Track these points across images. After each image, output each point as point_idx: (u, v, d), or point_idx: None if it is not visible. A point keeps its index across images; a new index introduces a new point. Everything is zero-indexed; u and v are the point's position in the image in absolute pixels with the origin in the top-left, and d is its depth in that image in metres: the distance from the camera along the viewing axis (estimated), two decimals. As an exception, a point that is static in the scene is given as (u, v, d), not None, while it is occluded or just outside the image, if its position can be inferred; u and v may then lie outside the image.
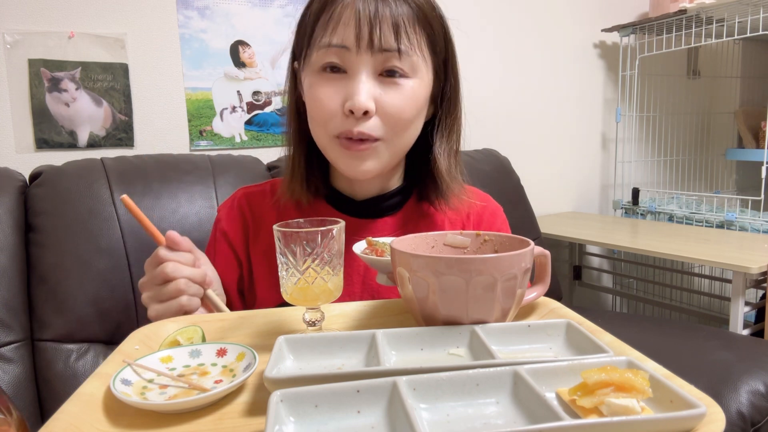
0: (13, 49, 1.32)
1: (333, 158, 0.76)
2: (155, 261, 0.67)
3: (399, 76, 0.71)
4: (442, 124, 0.81)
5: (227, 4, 1.54)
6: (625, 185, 2.17)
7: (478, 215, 0.90)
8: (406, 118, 0.73)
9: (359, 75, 0.70)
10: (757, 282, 1.54)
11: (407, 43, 0.70)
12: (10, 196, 1.16)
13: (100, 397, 0.46)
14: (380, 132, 0.72)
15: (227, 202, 0.89)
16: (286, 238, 0.55)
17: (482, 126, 1.97)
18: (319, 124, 0.74)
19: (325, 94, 0.71)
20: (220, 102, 1.56)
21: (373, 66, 0.70)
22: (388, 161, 0.76)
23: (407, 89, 0.72)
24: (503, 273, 0.50)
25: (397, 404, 0.39)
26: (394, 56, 0.70)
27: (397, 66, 0.71)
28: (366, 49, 0.69)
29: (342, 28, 0.69)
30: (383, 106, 0.71)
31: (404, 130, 0.74)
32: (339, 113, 0.71)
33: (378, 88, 0.71)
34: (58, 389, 1.09)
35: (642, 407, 0.38)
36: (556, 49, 2.12)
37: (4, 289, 1.08)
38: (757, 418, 1.10)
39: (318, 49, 0.71)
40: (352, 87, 0.70)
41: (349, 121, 0.70)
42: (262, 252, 0.84)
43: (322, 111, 0.72)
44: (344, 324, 0.62)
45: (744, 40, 2.22)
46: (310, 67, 0.73)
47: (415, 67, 0.72)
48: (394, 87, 0.71)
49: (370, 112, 0.70)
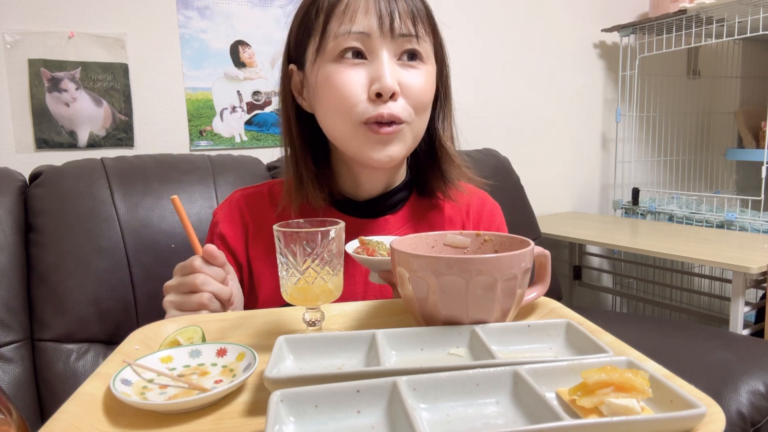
0: (13, 49, 1.32)
1: (357, 147, 0.75)
2: (188, 269, 0.67)
3: (417, 60, 0.74)
4: (441, 113, 0.83)
5: (227, 4, 1.54)
6: (625, 185, 2.17)
7: (477, 212, 0.90)
8: (426, 100, 0.75)
9: (382, 58, 0.71)
10: (757, 282, 1.54)
11: (422, 29, 0.73)
12: (10, 196, 1.16)
13: (100, 397, 0.45)
14: (406, 114, 0.73)
15: (224, 205, 0.88)
16: (286, 238, 0.55)
17: (482, 126, 1.97)
18: (341, 113, 0.72)
19: (348, 79, 0.71)
20: (220, 102, 1.56)
21: (393, 50, 0.72)
22: (411, 146, 0.77)
23: (425, 73, 0.74)
24: (503, 273, 0.50)
25: (397, 404, 0.39)
26: (412, 40, 0.72)
27: (416, 49, 0.73)
28: (387, 34, 0.71)
29: (362, 16, 0.70)
30: (407, 89, 0.72)
31: (424, 113, 0.76)
32: (364, 98, 0.71)
33: (400, 70, 0.72)
34: (58, 389, 1.09)
35: (642, 407, 0.38)
36: (556, 49, 2.12)
37: (4, 289, 1.08)
38: (757, 418, 1.10)
39: (335, 37, 0.71)
40: (378, 70, 0.70)
41: (377, 104, 0.71)
42: (264, 254, 0.84)
43: (345, 97, 0.71)
44: (344, 324, 0.62)
45: (744, 40, 2.22)
46: (326, 56, 0.72)
47: (428, 53, 0.75)
48: (414, 71, 0.73)
49: (396, 93, 0.71)
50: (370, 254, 0.64)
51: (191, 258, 0.68)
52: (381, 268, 0.64)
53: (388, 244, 0.66)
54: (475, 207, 0.90)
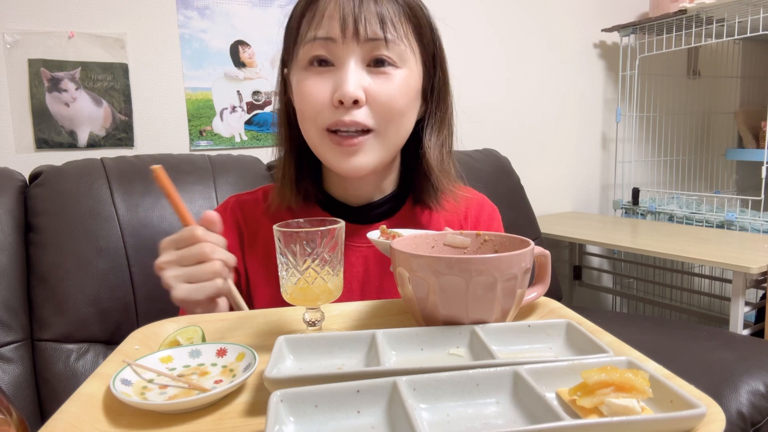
0: (13, 49, 1.32)
1: (323, 154, 0.75)
2: (188, 240, 0.64)
3: (388, 65, 0.71)
4: (432, 119, 0.80)
5: (227, 4, 1.54)
6: (625, 185, 2.17)
7: (476, 217, 0.88)
8: (397, 107, 0.72)
9: (347, 65, 0.69)
10: (757, 282, 1.54)
11: (393, 32, 0.70)
12: (10, 196, 1.16)
13: (100, 397, 0.45)
14: (372, 122, 0.71)
15: (219, 210, 0.86)
16: (286, 238, 0.55)
17: (482, 126, 1.97)
18: (309, 119, 0.73)
19: (313, 87, 0.71)
20: (220, 102, 1.56)
21: (360, 56, 0.70)
22: (382, 156, 0.75)
23: (397, 78, 0.71)
24: (503, 273, 0.50)
25: (397, 404, 0.39)
26: (381, 44, 0.69)
27: (385, 54, 0.70)
28: (352, 39, 0.68)
29: (327, 21, 0.69)
30: (373, 96, 0.70)
31: (396, 121, 0.73)
32: (328, 105, 0.70)
33: (367, 77, 0.70)
34: (58, 389, 1.09)
35: (642, 407, 0.38)
36: (556, 49, 2.12)
37: (4, 289, 1.08)
38: (757, 418, 1.10)
39: (304, 44, 0.71)
40: (341, 77, 0.69)
41: (339, 111, 0.70)
42: (260, 262, 0.82)
43: (311, 104, 0.71)
44: (344, 324, 0.62)
45: (744, 40, 2.22)
46: (298, 64, 0.73)
47: (403, 56, 0.72)
48: (383, 76, 0.71)
49: (360, 101, 0.69)
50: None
51: (188, 228, 0.65)
52: None
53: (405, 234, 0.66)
54: (474, 212, 0.89)
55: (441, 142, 0.80)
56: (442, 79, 0.79)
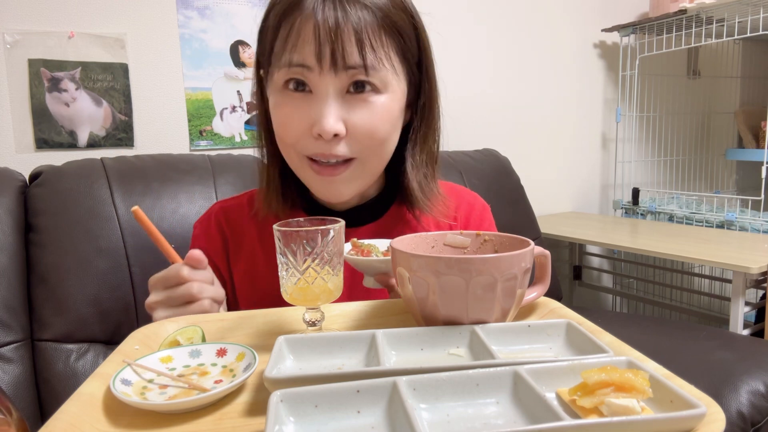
0: (13, 49, 1.32)
1: (304, 179, 0.74)
2: (175, 280, 0.64)
3: (369, 91, 0.67)
4: (416, 133, 0.77)
5: (227, 4, 1.54)
6: (625, 185, 2.17)
7: (466, 216, 0.87)
8: (379, 137, 0.69)
9: (325, 97, 0.66)
10: (757, 282, 1.54)
11: (373, 57, 0.66)
12: (10, 196, 1.16)
13: (100, 397, 0.45)
14: (354, 151, 0.69)
15: (203, 219, 0.86)
16: (286, 238, 0.54)
17: (482, 126, 1.97)
18: (288, 145, 0.71)
19: (290, 116, 0.69)
20: (220, 102, 1.56)
21: (339, 86, 0.66)
22: (365, 182, 0.74)
23: (378, 106, 0.68)
24: (503, 273, 0.50)
25: (397, 404, 0.39)
26: (360, 73, 0.66)
27: (365, 80, 0.67)
28: (329, 69, 0.65)
29: (302, 45, 0.65)
30: (353, 127, 0.67)
31: (379, 148, 0.71)
32: (307, 135, 0.68)
33: (346, 107, 0.67)
34: (58, 389, 1.09)
35: (642, 407, 0.38)
36: (556, 49, 2.12)
37: (4, 289, 1.08)
38: (757, 418, 1.10)
39: (279, 67, 0.68)
40: (318, 110, 0.66)
41: (319, 143, 0.68)
42: (245, 268, 0.82)
43: (289, 133, 0.69)
44: (344, 324, 0.62)
45: (744, 40, 2.22)
46: (273, 85, 0.70)
47: (385, 81, 0.68)
48: (363, 105, 0.67)
49: (339, 134, 0.67)
50: (365, 256, 0.63)
51: (173, 267, 0.65)
52: (377, 270, 0.64)
53: (380, 246, 0.66)
54: (464, 212, 0.87)
55: (423, 158, 0.78)
56: (429, 90, 0.76)
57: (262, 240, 0.82)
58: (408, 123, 0.77)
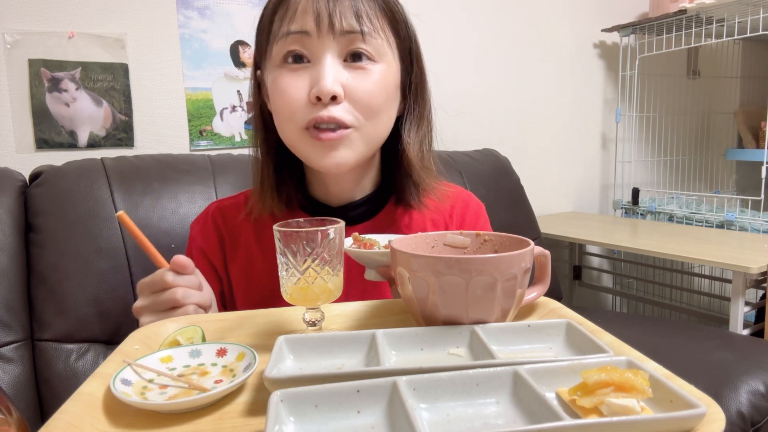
0: (13, 49, 1.32)
1: (303, 151, 0.73)
2: (160, 285, 0.64)
3: (366, 60, 0.69)
4: (411, 115, 0.78)
5: (227, 4, 1.54)
6: (625, 185, 2.17)
7: (461, 215, 0.87)
8: (376, 103, 0.71)
9: (324, 59, 0.68)
10: (757, 282, 1.54)
11: (369, 25, 0.68)
12: (10, 196, 1.16)
13: (100, 397, 0.45)
14: (351, 118, 0.70)
15: (200, 218, 0.86)
16: (286, 238, 0.54)
17: (482, 126, 1.97)
18: (286, 118, 0.71)
19: (289, 84, 0.69)
20: (220, 102, 1.56)
21: (337, 50, 0.68)
22: (363, 152, 0.74)
23: (375, 74, 0.70)
24: (503, 273, 0.50)
25: (397, 404, 0.39)
26: (357, 38, 0.68)
27: (363, 48, 0.69)
28: (327, 32, 0.67)
29: (301, 15, 0.67)
30: (352, 92, 0.69)
31: (376, 117, 0.72)
32: (306, 102, 0.69)
33: (345, 72, 0.69)
34: (58, 389, 1.09)
35: (642, 407, 0.38)
36: (556, 49, 2.12)
37: (4, 289, 1.08)
38: (757, 418, 1.10)
39: (278, 41, 0.69)
40: (317, 72, 0.68)
41: (317, 108, 0.68)
42: (241, 268, 0.82)
43: (288, 102, 0.70)
44: (344, 324, 0.62)
45: (744, 40, 2.22)
46: (272, 61, 0.71)
47: (381, 51, 0.71)
48: (361, 72, 0.69)
49: (338, 96, 0.68)
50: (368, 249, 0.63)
51: (158, 273, 0.65)
52: (379, 262, 0.64)
53: (381, 241, 0.66)
54: (459, 210, 0.87)
55: (420, 138, 0.79)
56: (420, 74, 0.78)
57: (259, 239, 0.82)
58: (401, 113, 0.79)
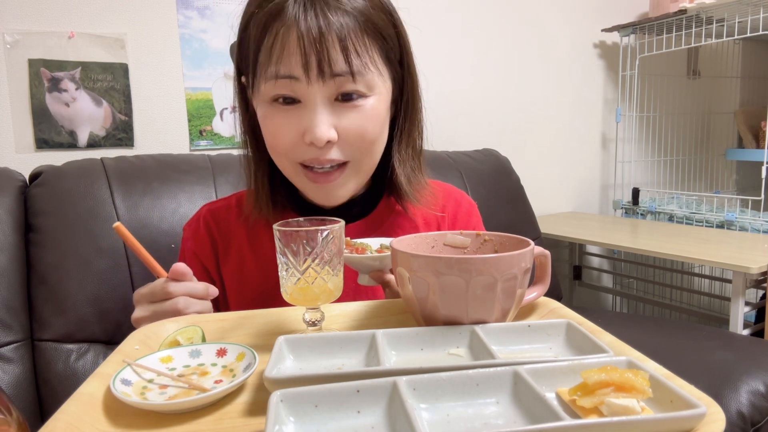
0: (13, 49, 1.32)
1: (299, 185, 0.75)
2: (161, 295, 0.64)
3: (357, 98, 0.68)
4: (401, 128, 0.78)
5: (227, 4, 1.54)
6: (625, 185, 2.17)
7: (453, 213, 0.88)
8: (370, 138, 0.71)
9: (315, 106, 0.67)
10: (757, 282, 1.54)
11: (359, 62, 0.66)
12: (10, 196, 1.16)
13: (100, 397, 0.45)
14: (346, 155, 0.71)
15: (192, 221, 0.86)
16: (286, 238, 0.54)
17: (482, 126, 1.97)
18: (281, 154, 0.72)
19: (281, 127, 0.69)
20: (220, 102, 1.56)
21: (327, 93, 0.67)
22: (359, 181, 0.76)
23: (367, 109, 0.69)
24: (503, 273, 0.50)
25: (397, 404, 0.39)
26: (347, 80, 0.66)
27: (353, 88, 0.67)
28: (317, 78, 0.65)
29: (287, 57, 0.65)
30: (345, 132, 0.69)
31: (370, 149, 0.73)
32: (299, 143, 0.69)
33: (336, 114, 0.68)
34: (58, 389, 1.09)
35: (642, 407, 0.38)
36: (556, 49, 2.12)
37: (4, 289, 1.08)
38: (757, 418, 1.10)
39: (266, 80, 0.68)
40: (309, 119, 0.67)
41: (312, 150, 0.69)
42: (234, 270, 0.82)
43: (281, 143, 0.70)
44: (344, 324, 0.62)
45: (744, 40, 2.22)
46: (261, 97, 0.70)
47: (372, 84, 0.69)
48: (352, 110, 0.69)
49: (332, 141, 0.68)
50: (360, 253, 0.63)
51: (158, 283, 0.65)
52: (371, 267, 0.64)
53: (373, 245, 0.66)
54: (451, 209, 0.88)
55: (410, 150, 0.79)
56: (411, 85, 0.77)
57: (251, 241, 0.83)
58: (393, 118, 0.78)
